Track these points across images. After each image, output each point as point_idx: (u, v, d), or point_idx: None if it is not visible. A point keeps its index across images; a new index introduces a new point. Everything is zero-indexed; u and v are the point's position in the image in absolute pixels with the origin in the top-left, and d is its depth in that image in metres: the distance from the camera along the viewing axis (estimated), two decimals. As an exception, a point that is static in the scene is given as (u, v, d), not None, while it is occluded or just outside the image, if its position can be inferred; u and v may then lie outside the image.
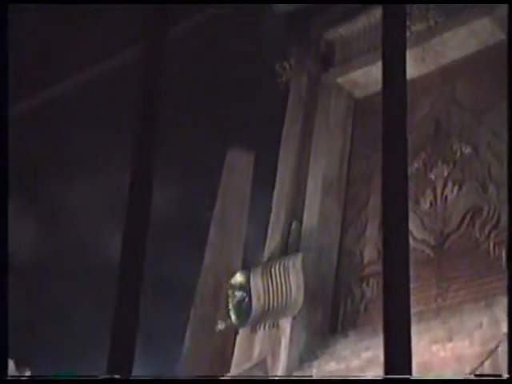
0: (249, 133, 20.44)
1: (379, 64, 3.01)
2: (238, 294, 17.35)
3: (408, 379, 2.63)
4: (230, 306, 17.42)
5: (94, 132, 21.58)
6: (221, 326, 13.49)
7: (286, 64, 19.56)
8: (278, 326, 16.10)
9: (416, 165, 16.86)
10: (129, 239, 2.97)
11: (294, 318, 16.06)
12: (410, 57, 17.03)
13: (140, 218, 2.99)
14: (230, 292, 17.56)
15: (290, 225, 17.86)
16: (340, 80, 19.07)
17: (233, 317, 17.27)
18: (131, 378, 2.80)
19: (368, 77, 18.13)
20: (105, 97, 19.99)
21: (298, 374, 15.19)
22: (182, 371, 17.92)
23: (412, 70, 16.86)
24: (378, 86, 3.16)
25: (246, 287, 17.36)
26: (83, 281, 20.99)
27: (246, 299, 17.20)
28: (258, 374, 14.87)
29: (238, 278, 17.59)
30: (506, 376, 3.37)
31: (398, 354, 2.64)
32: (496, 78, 16.58)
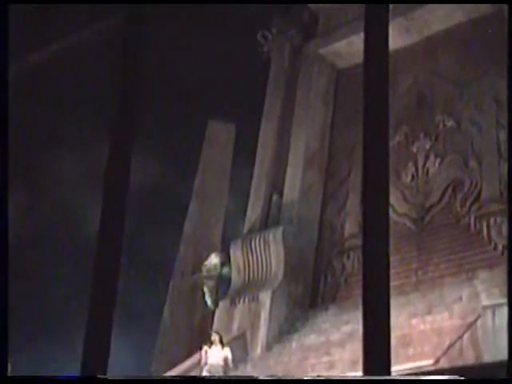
0: (230, 104, 20.23)
1: (362, 34, 2.87)
2: (213, 279, 17.22)
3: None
4: (206, 290, 17.33)
5: (74, 105, 21.27)
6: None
7: (267, 33, 19.28)
8: (257, 299, 16.07)
9: (398, 138, 16.77)
10: (107, 213, 2.84)
11: (273, 292, 16.02)
12: (393, 27, 16.83)
13: (118, 192, 2.86)
14: (204, 275, 17.44)
15: (271, 197, 17.76)
16: (322, 50, 18.85)
17: (208, 301, 17.19)
18: (131, 379, 2.72)
19: (351, 47, 17.92)
20: (86, 68, 19.65)
21: (277, 347, 15.18)
22: (161, 345, 17.87)
23: (395, 41, 16.69)
24: (361, 57, 3.01)
25: (220, 270, 17.27)
26: (62, 254, 20.82)
27: (221, 284, 17.11)
28: (238, 347, 14.83)
29: (213, 259, 17.45)
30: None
31: (377, 327, 2.55)
32: (480, 50, 16.45)
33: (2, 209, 3.12)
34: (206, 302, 17.21)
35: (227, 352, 13.10)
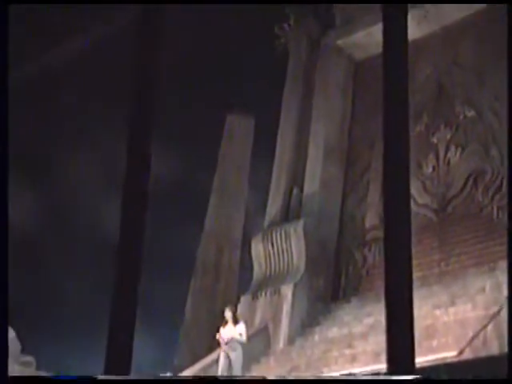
0: (249, 97, 20.19)
1: (380, 25, 2.85)
2: None
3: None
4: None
5: (92, 102, 21.35)
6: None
7: (285, 26, 19.21)
8: (279, 292, 16.07)
9: (418, 128, 16.65)
10: (128, 209, 2.84)
11: (295, 285, 16.02)
12: (412, 17, 16.68)
13: (139, 188, 2.87)
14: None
15: (291, 190, 17.73)
16: (340, 42, 18.76)
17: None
18: (131, 379, 2.72)
19: (369, 38, 17.80)
20: (102, 65, 19.73)
21: (299, 341, 15.19)
22: (183, 340, 17.94)
23: (414, 31, 16.55)
24: (379, 48, 3.00)
25: None
26: (81, 252, 20.95)
27: None
28: (260, 341, 14.84)
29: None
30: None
31: (400, 319, 2.54)
32: (499, 38, 16.26)
33: (2, 206, 3.12)
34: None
35: (241, 327, 12.87)
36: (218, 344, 13.21)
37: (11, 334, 11.32)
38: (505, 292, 12.47)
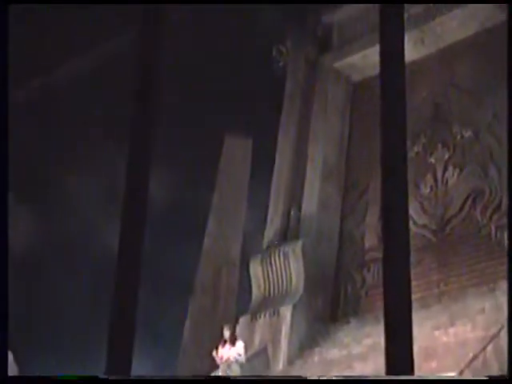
0: (246, 119, 20.27)
1: (377, 47, 2.88)
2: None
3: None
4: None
5: (90, 122, 21.42)
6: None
7: (282, 48, 19.34)
8: (278, 313, 16.01)
9: (416, 149, 16.71)
10: (126, 230, 2.85)
11: (294, 306, 15.97)
12: (408, 39, 16.80)
13: (137, 208, 2.88)
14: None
15: (290, 212, 17.74)
16: (338, 64, 18.88)
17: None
18: (131, 378, 2.69)
19: (366, 60, 17.93)
20: (102, 84, 19.83)
21: (299, 362, 15.12)
22: (182, 361, 17.85)
23: (411, 53, 16.67)
24: (376, 70, 3.03)
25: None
26: (80, 271, 20.89)
27: None
28: (259, 362, 14.77)
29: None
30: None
31: (399, 340, 2.53)
32: (496, 59, 16.38)
33: (2, 227, 3.13)
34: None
35: (240, 346, 12.71)
36: (215, 362, 13.10)
37: (10, 358, 11.24)
38: (505, 312, 12.43)
